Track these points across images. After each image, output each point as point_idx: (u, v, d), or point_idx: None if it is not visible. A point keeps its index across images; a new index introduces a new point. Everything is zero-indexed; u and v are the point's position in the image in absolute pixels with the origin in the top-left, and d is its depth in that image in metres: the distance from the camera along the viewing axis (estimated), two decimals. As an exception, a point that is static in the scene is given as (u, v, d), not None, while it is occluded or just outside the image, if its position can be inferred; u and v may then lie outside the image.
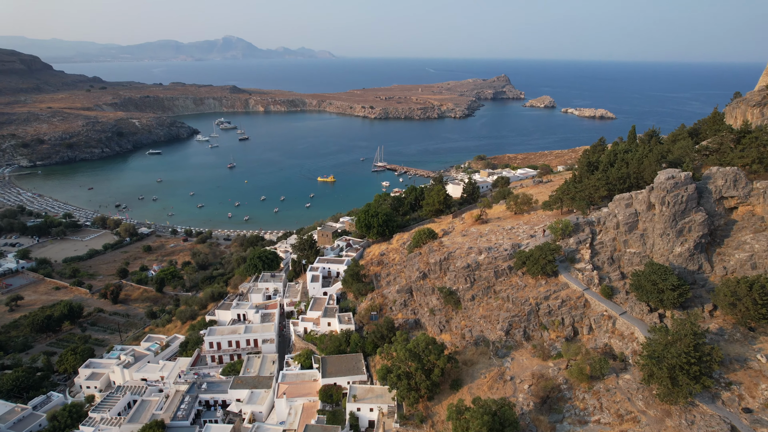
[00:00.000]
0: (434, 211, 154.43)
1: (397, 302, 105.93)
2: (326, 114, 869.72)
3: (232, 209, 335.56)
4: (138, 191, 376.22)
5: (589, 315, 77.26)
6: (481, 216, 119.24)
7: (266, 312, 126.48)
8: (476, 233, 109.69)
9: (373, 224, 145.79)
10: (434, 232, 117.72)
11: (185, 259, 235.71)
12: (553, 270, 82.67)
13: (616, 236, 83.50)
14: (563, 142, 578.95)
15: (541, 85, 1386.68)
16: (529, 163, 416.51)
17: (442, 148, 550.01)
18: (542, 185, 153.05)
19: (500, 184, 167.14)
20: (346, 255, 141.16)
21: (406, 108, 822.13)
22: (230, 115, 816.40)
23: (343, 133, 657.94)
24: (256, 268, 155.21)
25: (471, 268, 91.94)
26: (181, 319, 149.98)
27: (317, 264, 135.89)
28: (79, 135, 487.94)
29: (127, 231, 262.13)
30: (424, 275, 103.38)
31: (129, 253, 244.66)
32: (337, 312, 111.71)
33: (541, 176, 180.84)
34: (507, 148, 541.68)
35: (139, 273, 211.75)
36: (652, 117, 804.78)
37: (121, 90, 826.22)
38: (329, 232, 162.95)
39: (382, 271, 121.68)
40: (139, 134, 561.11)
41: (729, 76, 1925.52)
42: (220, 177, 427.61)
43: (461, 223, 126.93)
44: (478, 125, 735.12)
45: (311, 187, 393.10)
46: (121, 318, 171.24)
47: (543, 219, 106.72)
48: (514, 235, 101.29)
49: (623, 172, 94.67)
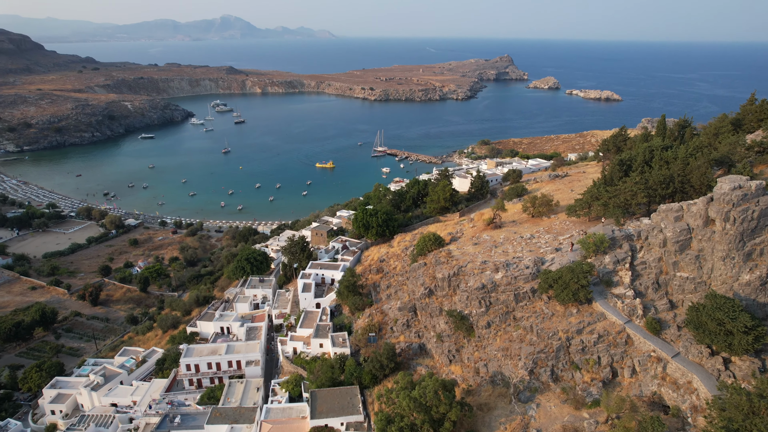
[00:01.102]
0: (439, 208, 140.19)
1: (399, 322, 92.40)
2: (325, 96, 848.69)
3: (226, 198, 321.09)
4: (128, 178, 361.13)
5: (631, 354, 63.57)
6: (494, 220, 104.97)
7: (252, 326, 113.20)
8: (489, 242, 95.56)
9: (371, 224, 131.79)
10: (440, 239, 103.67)
11: (173, 254, 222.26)
12: (587, 297, 68.73)
13: (663, 256, 69.38)
14: (569, 125, 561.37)
15: (544, 66, 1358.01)
16: (535, 148, 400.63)
17: (444, 132, 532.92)
18: (559, 180, 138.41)
19: (511, 177, 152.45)
20: (342, 259, 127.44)
21: (407, 89, 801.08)
22: (226, 97, 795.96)
23: (342, 115, 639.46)
24: (244, 271, 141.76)
25: (486, 289, 78.05)
26: (163, 327, 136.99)
27: (309, 270, 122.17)
28: (68, 118, 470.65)
29: (112, 223, 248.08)
30: (430, 292, 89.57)
31: (114, 247, 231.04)
32: (331, 331, 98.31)
33: (555, 168, 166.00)
34: (511, 132, 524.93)
35: (123, 270, 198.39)
36: (659, 99, 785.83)
37: (115, 71, 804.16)
38: (324, 231, 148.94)
39: (382, 281, 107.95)
40: (132, 117, 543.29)
41: (737, 55, 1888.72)
42: (214, 163, 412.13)
43: (471, 227, 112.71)
44: (480, 107, 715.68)
45: (308, 173, 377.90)
46: (99, 323, 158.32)
47: (567, 226, 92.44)
48: (535, 247, 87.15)
49: (665, 175, 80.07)
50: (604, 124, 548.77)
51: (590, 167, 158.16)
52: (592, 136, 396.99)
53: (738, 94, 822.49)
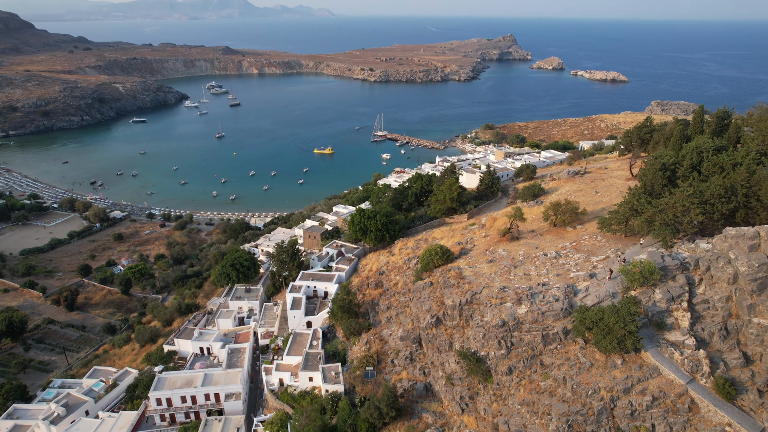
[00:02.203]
0: (445, 209, 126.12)
1: (401, 354, 79.17)
2: (323, 77, 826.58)
3: (218, 186, 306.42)
4: (117, 165, 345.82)
5: (698, 426, 50.16)
6: (510, 230, 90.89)
7: (235, 347, 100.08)
8: (507, 258, 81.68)
9: (370, 228, 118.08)
10: (448, 252, 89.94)
11: (160, 250, 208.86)
12: (635, 346, 55.09)
13: (733, 295, 55.59)
14: (575, 108, 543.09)
15: (548, 46, 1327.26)
16: (542, 132, 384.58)
17: (447, 115, 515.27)
18: (579, 178, 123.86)
19: (525, 173, 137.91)
20: (337, 268, 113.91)
21: (407, 70, 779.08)
22: (222, 78, 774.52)
23: (340, 98, 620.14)
24: (229, 278, 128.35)
25: (507, 327, 64.49)
26: (140, 341, 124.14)
27: (300, 282, 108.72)
28: (55, 101, 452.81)
29: (96, 216, 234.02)
30: (437, 321, 76.10)
31: (97, 242, 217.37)
32: (322, 361, 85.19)
33: (572, 161, 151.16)
34: (516, 115, 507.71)
35: (104, 270, 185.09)
36: (667, 80, 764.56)
37: (107, 51, 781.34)
38: (317, 234, 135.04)
39: (381, 299, 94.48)
40: (123, 100, 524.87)
41: (745, 35, 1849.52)
42: (207, 148, 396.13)
43: (483, 236, 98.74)
44: (483, 89, 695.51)
45: (305, 160, 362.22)
46: (74, 332, 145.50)
47: (599, 243, 78.39)
48: (564, 270, 73.33)
49: (724, 186, 65.74)
50: (611, 107, 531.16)
51: (611, 162, 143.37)
52: (601, 120, 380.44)
53: (748, 75, 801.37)
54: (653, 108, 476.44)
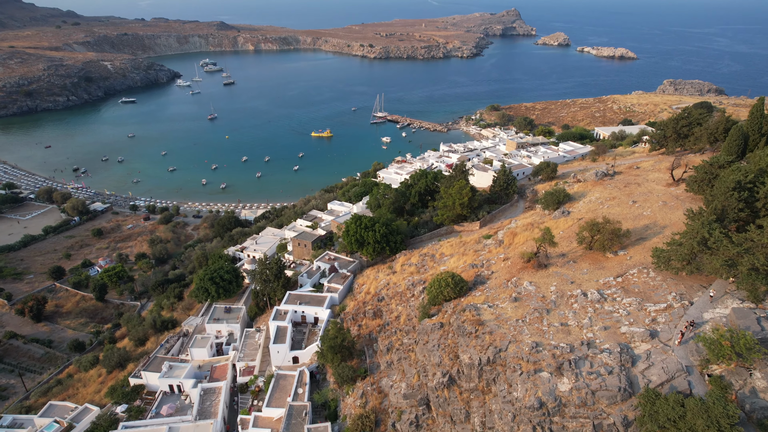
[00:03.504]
0: (454, 216, 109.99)
1: (405, 417, 64.10)
2: (321, 53, 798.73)
3: (208, 174, 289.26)
4: (103, 150, 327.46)
5: None
6: (537, 254, 74.81)
7: (209, 387, 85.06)
8: (535, 297, 65.80)
9: (368, 240, 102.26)
10: (461, 282, 74.28)
11: (142, 249, 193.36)
12: (734, 462, 39.51)
13: None
14: (582, 87, 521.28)
15: (553, 20, 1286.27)
16: (550, 114, 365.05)
17: (449, 95, 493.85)
18: (609, 181, 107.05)
19: (544, 173, 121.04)
20: (329, 288, 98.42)
21: (408, 46, 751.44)
22: (217, 55, 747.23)
23: (339, 76, 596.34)
24: (208, 293, 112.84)
25: (546, 409, 48.99)
26: (107, 366, 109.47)
27: (286, 306, 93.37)
28: (39, 80, 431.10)
29: (75, 209, 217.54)
30: (450, 380, 60.74)
31: (75, 238, 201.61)
32: (308, 418, 70.21)
33: (596, 156, 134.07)
34: (521, 95, 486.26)
35: (79, 272, 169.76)
36: (677, 56, 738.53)
37: (97, 26, 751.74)
38: (308, 242, 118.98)
39: (381, 336, 79.14)
40: (112, 79, 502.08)
41: (756, 7, 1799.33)
42: (199, 131, 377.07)
43: (502, 258, 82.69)
44: (487, 66, 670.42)
45: (301, 144, 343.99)
46: (39, 349, 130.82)
47: (653, 282, 62.29)
48: (611, 319, 57.60)
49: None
50: (621, 86, 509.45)
51: (642, 159, 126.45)
52: (613, 101, 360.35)
53: (761, 51, 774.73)
54: (665, 87, 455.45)
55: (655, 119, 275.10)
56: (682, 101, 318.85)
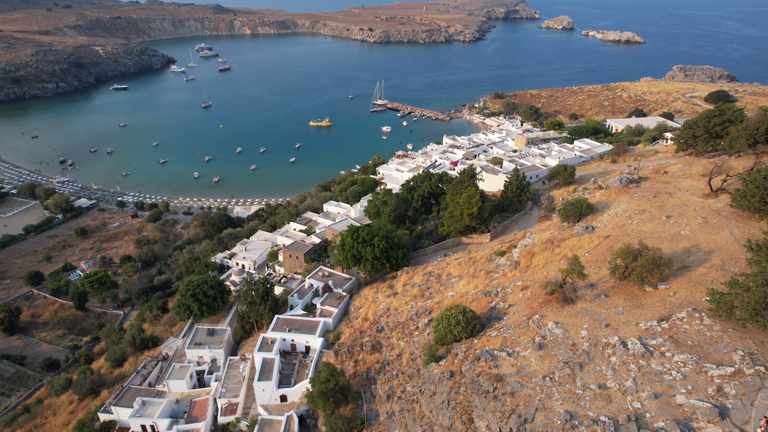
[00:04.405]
0: (462, 228, 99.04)
1: (409, 489, 53.85)
2: (320, 37, 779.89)
3: (201, 166, 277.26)
4: (92, 140, 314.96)
5: None
6: (563, 286, 63.92)
7: (185, 430, 75.01)
8: (564, 345, 55.11)
9: (365, 256, 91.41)
10: (473, 320, 63.71)
11: (128, 250, 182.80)
12: None
13: None
14: (589, 73, 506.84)
15: (556, 3, 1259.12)
16: (557, 102, 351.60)
17: (451, 81, 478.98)
18: (636, 189, 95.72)
19: (561, 177, 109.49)
20: (323, 311, 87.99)
21: (409, 30, 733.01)
22: (213, 40, 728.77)
23: (338, 61, 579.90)
24: (190, 311, 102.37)
25: None
26: (79, 393, 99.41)
27: (273, 334, 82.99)
28: (27, 66, 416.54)
29: (58, 206, 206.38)
30: (463, 449, 50.33)
31: (57, 238, 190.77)
32: (295, 482, 60.03)
33: (616, 157, 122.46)
34: (526, 81, 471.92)
35: (59, 277, 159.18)
36: (685, 41, 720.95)
37: (89, 9, 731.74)
38: (300, 254, 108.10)
39: (380, 378, 68.77)
40: (103, 65, 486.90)
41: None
42: (192, 120, 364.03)
43: (520, 286, 71.83)
44: (490, 51, 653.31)
45: (298, 133, 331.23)
46: (8, 367, 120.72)
47: (712, 334, 51.53)
48: (661, 381, 46.98)
49: None
50: (628, 72, 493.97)
51: (667, 160, 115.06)
52: (622, 89, 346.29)
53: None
54: (675, 74, 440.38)
55: (669, 109, 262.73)
56: (696, 89, 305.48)
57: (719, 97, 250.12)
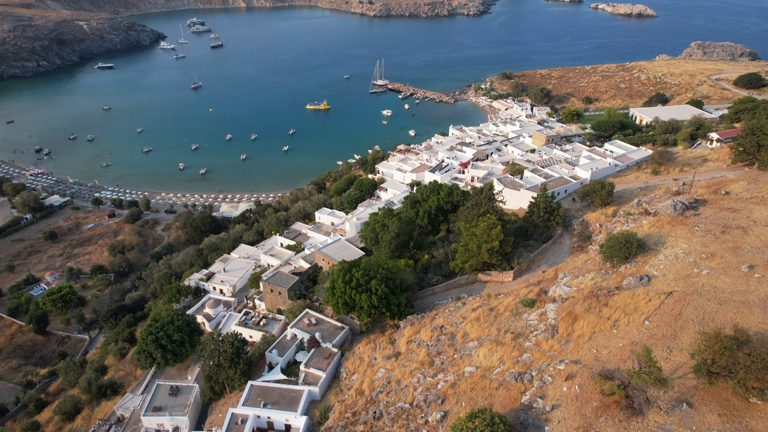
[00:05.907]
0: (479, 265, 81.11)
1: None
2: (318, 10, 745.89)
3: (187, 156, 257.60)
4: (73, 126, 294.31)
5: None
6: (626, 388, 46.36)
7: None
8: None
9: (360, 304, 73.87)
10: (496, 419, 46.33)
11: (101, 257, 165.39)
12: None
13: None
14: (600, 50, 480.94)
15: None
16: (569, 84, 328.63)
17: (455, 59, 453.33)
18: (693, 218, 77.45)
19: (599, 197, 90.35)
20: (308, 375, 70.85)
21: (411, 3, 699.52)
22: (206, 14, 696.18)
23: (336, 37, 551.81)
24: (153, 359, 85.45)
25: None
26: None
27: (244, 409, 65.94)
28: (5, 43, 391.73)
29: (26, 205, 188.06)
30: None
31: (23, 243, 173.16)
32: None
33: (658, 166, 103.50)
34: (534, 59, 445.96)
35: (20, 293, 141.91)
36: (700, 14, 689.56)
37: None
38: (284, 289, 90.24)
39: (377, 498, 51.80)
40: (88, 41, 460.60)
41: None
42: (180, 102, 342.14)
43: (565, 379, 54.20)
44: (495, 26, 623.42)
45: (294, 118, 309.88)
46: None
47: None
48: None
49: None
50: (642, 49, 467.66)
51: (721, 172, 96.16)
52: (639, 70, 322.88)
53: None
54: (693, 51, 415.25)
55: (695, 94, 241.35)
56: (722, 71, 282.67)
57: (751, 81, 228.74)
